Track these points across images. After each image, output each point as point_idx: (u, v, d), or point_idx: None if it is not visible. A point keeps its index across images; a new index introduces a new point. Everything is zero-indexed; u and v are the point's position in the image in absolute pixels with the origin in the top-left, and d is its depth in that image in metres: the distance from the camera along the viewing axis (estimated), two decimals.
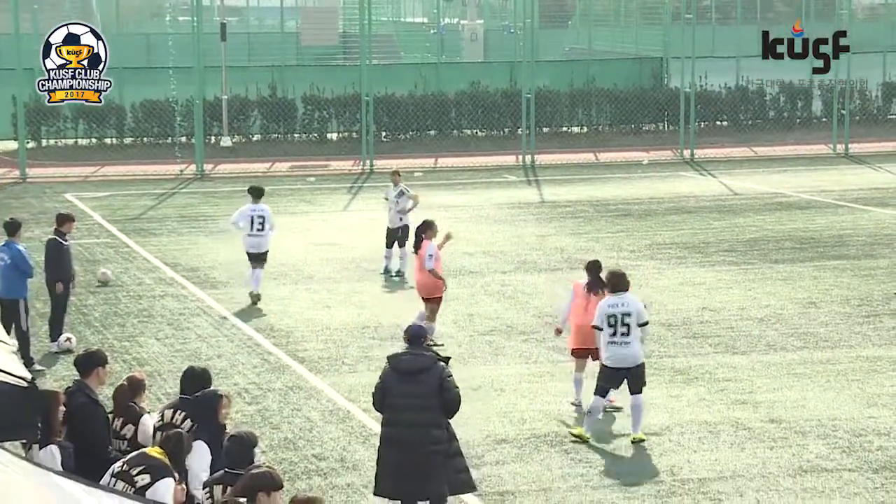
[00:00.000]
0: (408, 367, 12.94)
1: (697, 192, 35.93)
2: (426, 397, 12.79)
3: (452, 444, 13.06)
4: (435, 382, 12.83)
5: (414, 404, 12.79)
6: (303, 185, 37.90)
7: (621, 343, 15.97)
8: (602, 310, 16.13)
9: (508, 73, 47.32)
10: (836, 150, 44.08)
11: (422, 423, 12.80)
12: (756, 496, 14.24)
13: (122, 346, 20.35)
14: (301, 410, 17.22)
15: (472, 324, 21.64)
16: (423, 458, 12.80)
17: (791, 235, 29.18)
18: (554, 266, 25.97)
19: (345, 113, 45.07)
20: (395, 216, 25.54)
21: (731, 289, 23.96)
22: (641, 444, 15.91)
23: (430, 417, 12.82)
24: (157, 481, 10.31)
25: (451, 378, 12.94)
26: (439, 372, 12.89)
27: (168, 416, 11.97)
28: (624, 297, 16.13)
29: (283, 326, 21.52)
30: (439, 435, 12.86)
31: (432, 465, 12.82)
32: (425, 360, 12.97)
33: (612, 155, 43.37)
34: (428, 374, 12.86)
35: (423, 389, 12.80)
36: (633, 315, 16.00)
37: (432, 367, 12.91)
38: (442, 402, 12.81)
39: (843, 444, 15.81)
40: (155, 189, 36.72)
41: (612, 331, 15.98)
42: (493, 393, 17.93)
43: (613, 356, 16.04)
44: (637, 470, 15.07)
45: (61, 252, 20.16)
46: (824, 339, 20.63)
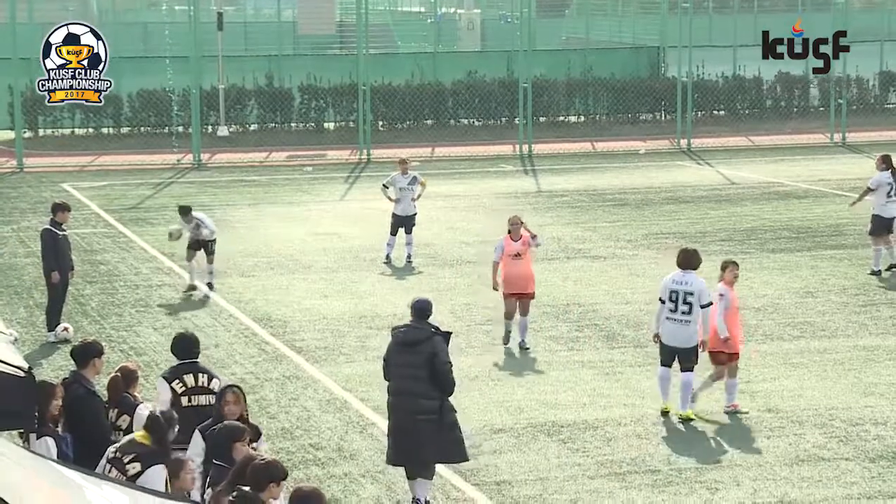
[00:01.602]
0: (404, 339, 13.49)
1: (694, 182, 35.92)
2: (418, 367, 13.30)
3: (449, 415, 13.42)
4: (427, 354, 13.29)
5: (407, 373, 13.36)
6: (300, 174, 37.89)
7: (681, 321, 16.16)
8: (666, 284, 16.33)
9: (505, 63, 47.27)
10: (834, 140, 44.07)
11: (412, 392, 13.34)
12: (753, 485, 14.26)
13: (120, 335, 20.35)
14: (298, 400, 17.24)
15: (470, 313, 21.65)
16: (412, 426, 13.34)
17: (788, 225, 29.18)
18: (551, 256, 25.95)
19: (342, 102, 45.02)
20: (408, 204, 25.59)
21: None
22: (690, 422, 16.05)
23: (420, 388, 13.30)
24: (148, 469, 10.38)
25: (443, 353, 13.35)
26: (433, 345, 13.35)
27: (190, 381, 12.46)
28: (690, 275, 16.32)
29: (280, 316, 21.53)
30: (429, 405, 13.30)
31: (420, 432, 13.30)
32: (422, 332, 13.47)
33: (609, 144, 43.36)
34: (422, 346, 13.35)
35: (417, 360, 13.32)
36: (696, 295, 16.16)
37: (427, 339, 13.38)
38: (430, 375, 13.22)
39: (839, 434, 15.83)
40: (152, 178, 36.70)
41: (672, 306, 16.11)
42: (491, 382, 17.94)
43: (669, 332, 16.23)
44: (634, 459, 15.09)
45: (57, 242, 20.14)
46: (821, 328, 20.64)
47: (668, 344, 16.31)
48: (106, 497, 7.26)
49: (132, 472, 10.37)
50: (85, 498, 7.11)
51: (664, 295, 16.32)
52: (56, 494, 6.96)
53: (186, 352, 12.79)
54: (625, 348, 19.42)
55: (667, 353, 16.38)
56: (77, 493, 7.17)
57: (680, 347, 16.27)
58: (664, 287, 16.39)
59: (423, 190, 25.98)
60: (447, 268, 25.21)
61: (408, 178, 25.83)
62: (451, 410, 13.51)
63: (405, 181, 25.78)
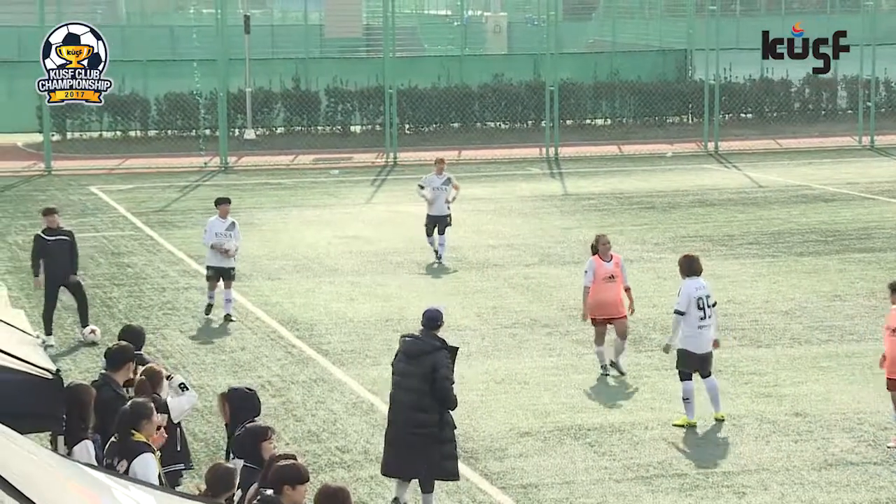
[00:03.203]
0: (408, 349, 13.34)
1: (721, 185, 35.81)
2: (417, 380, 13.13)
3: (447, 430, 13.26)
4: (428, 368, 13.11)
5: (405, 384, 13.23)
6: (326, 177, 37.92)
7: (708, 326, 16.15)
8: (691, 294, 16.11)
9: (532, 66, 47.24)
10: (862, 143, 43.87)
11: (407, 403, 13.19)
12: (780, 490, 14.19)
13: (147, 338, 20.29)
14: (325, 403, 17.25)
15: (496, 316, 21.62)
16: (403, 438, 13.22)
17: (816, 228, 29.06)
18: (578, 259, 25.89)
19: (368, 105, 45.07)
20: (442, 204, 25.75)
21: (756, 282, 23.88)
22: (723, 422, 16.09)
23: (416, 400, 13.14)
24: (133, 461, 10.48)
25: (445, 367, 13.14)
26: (434, 359, 13.14)
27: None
28: (700, 280, 16.23)
29: (306, 319, 21.55)
30: (423, 418, 13.13)
31: (410, 445, 13.17)
32: (426, 345, 13.27)
33: (636, 147, 43.26)
34: (425, 359, 13.16)
35: (417, 372, 13.15)
36: (711, 297, 16.20)
37: (431, 353, 13.19)
38: (431, 389, 13.08)
39: (868, 438, 15.74)
40: (179, 182, 36.80)
41: (701, 314, 16.06)
42: (517, 386, 17.92)
43: (705, 340, 16.13)
44: (660, 462, 15.04)
45: (44, 248, 20.00)
46: (849, 332, 20.54)
47: (697, 353, 16.14)
48: (133, 497, 7.28)
49: (122, 471, 10.50)
50: (113, 497, 7.13)
51: (691, 306, 16.03)
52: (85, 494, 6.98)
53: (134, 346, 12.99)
54: (651, 352, 19.36)
55: (695, 363, 16.17)
56: (105, 493, 7.19)
57: (707, 353, 16.22)
58: (689, 298, 16.06)
59: (456, 193, 26.14)
60: (473, 271, 25.19)
61: (442, 178, 26.01)
62: (451, 426, 13.33)
63: (439, 181, 25.96)
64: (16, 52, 47.28)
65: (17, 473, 6.45)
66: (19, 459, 6.85)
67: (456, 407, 13.35)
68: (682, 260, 16.57)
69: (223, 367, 18.89)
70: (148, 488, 7.97)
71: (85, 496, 6.93)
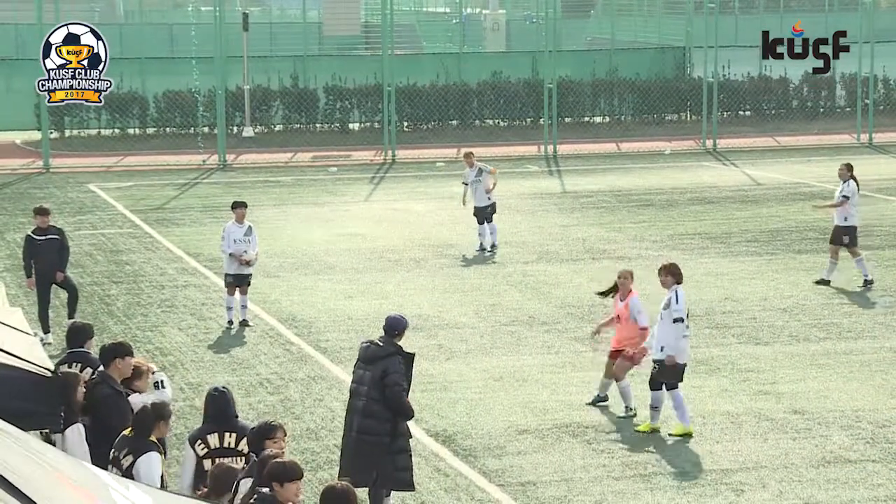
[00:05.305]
0: (363, 355, 13.16)
1: (720, 183, 35.82)
2: (368, 386, 12.89)
3: (395, 441, 12.89)
4: (378, 374, 12.85)
5: (357, 390, 13.02)
6: (325, 175, 37.92)
7: (689, 336, 15.99)
8: (684, 303, 15.82)
9: (530, 63, 47.24)
10: (860, 140, 43.88)
11: (358, 409, 12.92)
12: (779, 487, 14.20)
13: (145, 336, 20.41)
14: (323, 401, 17.25)
15: (495, 314, 21.63)
16: (353, 445, 12.93)
17: (814, 226, 29.05)
18: (576, 256, 25.93)
19: (367, 103, 45.07)
20: (481, 195, 26.49)
21: (754, 279, 23.89)
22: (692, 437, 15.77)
23: (365, 406, 12.86)
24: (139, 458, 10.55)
25: (396, 373, 12.80)
26: (386, 365, 12.86)
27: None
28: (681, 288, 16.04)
29: (305, 317, 21.55)
30: (372, 425, 12.82)
31: (359, 452, 12.87)
32: (380, 350, 13.03)
33: (635, 145, 43.27)
34: (377, 365, 12.92)
35: (368, 378, 12.92)
36: None
37: (383, 358, 12.93)
38: (381, 395, 12.81)
39: (866, 435, 15.76)
40: (178, 179, 36.80)
41: (688, 322, 15.93)
42: (515, 383, 17.92)
43: (686, 350, 15.98)
44: (659, 460, 15.05)
45: (33, 247, 20.05)
46: (847, 329, 20.55)
47: (683, 363, 16.02)
48: (130, 498, 7.28)
49: (126, 465, 10.56)
50: (110, 497, 7.14)
51: (685, 314, 15.87)
52: (83, 493, 6.98)
53: (73, 342, 13.06)
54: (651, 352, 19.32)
55: (680, 373, 15.93)
56: (103, 492, 7.20)
57: (685, 363, 16.11)
58: (685, 307, 15.86)
59: (495, 178, 26.90)
60: (472, 268, 25.20)
61: (474, 170, 26.89)
62: (404, 436, 12.97)
63: (472, 174, 26.85)
64: (13, 49, 47.32)
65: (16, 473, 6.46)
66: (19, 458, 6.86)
67: (412, 416, 13.06)
68: (674, 267, 16.13)
69: (221, 364, 18.90)
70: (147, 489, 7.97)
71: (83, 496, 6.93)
